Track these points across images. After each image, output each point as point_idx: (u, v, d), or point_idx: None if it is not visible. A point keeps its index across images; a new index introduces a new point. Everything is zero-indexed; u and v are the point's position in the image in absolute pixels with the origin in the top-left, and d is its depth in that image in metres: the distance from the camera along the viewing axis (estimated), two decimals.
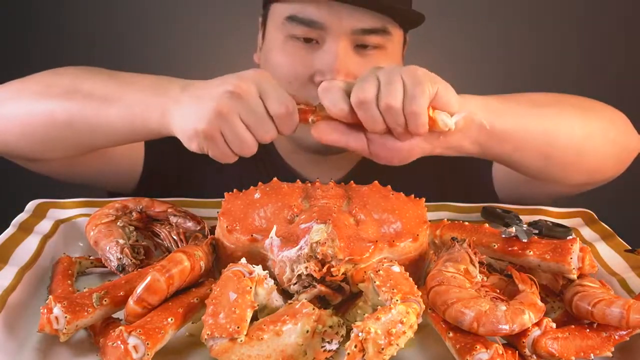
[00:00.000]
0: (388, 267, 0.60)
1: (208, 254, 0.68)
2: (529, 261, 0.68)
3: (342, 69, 0.97)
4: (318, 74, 0.99)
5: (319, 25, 0.98)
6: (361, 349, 0.51)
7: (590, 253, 0.68)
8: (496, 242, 0.71)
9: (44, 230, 0.80)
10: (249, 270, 0.59)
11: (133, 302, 0.59)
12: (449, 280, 0.61)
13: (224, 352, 0.52)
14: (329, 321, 0.56)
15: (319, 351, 0.55)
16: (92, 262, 0.77)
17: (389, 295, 0.55)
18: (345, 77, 0.97)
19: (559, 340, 0.57)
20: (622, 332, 0.59)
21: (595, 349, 0.58)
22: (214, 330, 0.52)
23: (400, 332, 0.52)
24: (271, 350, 0.53)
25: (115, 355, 0.53)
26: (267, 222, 0.68)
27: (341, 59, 0.98)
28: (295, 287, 0.61)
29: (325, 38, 0.99)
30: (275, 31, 1.04)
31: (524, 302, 0.58)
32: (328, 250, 0.61)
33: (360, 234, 0.66)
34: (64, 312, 0.58)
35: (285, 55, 1.02)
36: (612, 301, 0.59)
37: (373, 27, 1.00)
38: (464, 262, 0.64)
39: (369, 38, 1.00)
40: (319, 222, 0.64)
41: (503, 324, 0.55)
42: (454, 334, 0.57)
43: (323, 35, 0.99)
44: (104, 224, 0.79)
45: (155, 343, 0.54)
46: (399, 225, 0.69)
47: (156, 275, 0.60)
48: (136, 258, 0.74)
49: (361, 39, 1.00)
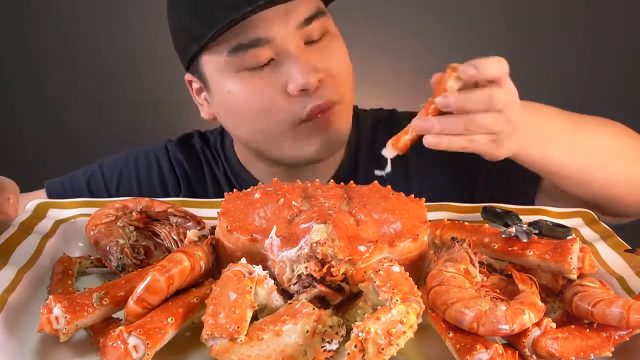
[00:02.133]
0: (388, 267, 0.59)
1: (208, 254, 0.68)
2: (529, 261, 0.68)
3: (308, 67, 0.93)
4: (291, 85, 0.93)
5: (265, 41, 0.93)
6: (361, 349, 0.51)
7: (590, 253, 0.68)
8: (496, 242, 0.71)
9: (44, 230, 0.80)
10: (249, 270, 0.59)
11: (133, 302, 0.59)
12: (449, 280, 0.61)
13: (224, 352, 0.52)
14: (329, 321, 0.56)
15: (319, 351, 0.55)
16: (92, 262, 0.77)
17: (389, 295, 0.55)
18: (317, 74, 0.94)
19: (559, 340, 0.57)
20: (622, 332, 0.59)
21: (595, 349, 0.58)
22: (214, 330, 0.52)
23: (400, 332, 0.52)
24: (271, 350, 0.53)
25: (115, 355, 0.53)
26: (267, 222, 0.68)
27: (304, 58, 0.94)
28: (295, 287, 0.61)
29: (277, 50, 0.94)
30: (221, 77, 0.98)
31: (524, 302, 0.58)
32: (328, 250, 0.61)
33: (360, 234, 0.66)
34: (64, 312, 0.58)
35: (247, 87, 0.96)
36: (612, 301, 0.59)
37: (309, 13, 0.95)
38: (464, 262, 0.64)
39: (313, 27, 0.96)
40: (319, 222, 0.64)
41: (503, 324, 0.55)
42: (454, 334, 0.57)
43: (274, 48, 0.94)
44: (104, 224, 0.79)
45: (155, 343, 0.54)
46: (399, 225, 0.69)
47: (156, 275, 0.60)
48: (136, 258, 0.74)
49: (307, 32, 0.95)
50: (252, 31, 0.92)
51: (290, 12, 0.93)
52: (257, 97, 0.96)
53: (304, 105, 0.95)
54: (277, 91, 0.95)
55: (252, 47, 0.93)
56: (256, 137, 1.02)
